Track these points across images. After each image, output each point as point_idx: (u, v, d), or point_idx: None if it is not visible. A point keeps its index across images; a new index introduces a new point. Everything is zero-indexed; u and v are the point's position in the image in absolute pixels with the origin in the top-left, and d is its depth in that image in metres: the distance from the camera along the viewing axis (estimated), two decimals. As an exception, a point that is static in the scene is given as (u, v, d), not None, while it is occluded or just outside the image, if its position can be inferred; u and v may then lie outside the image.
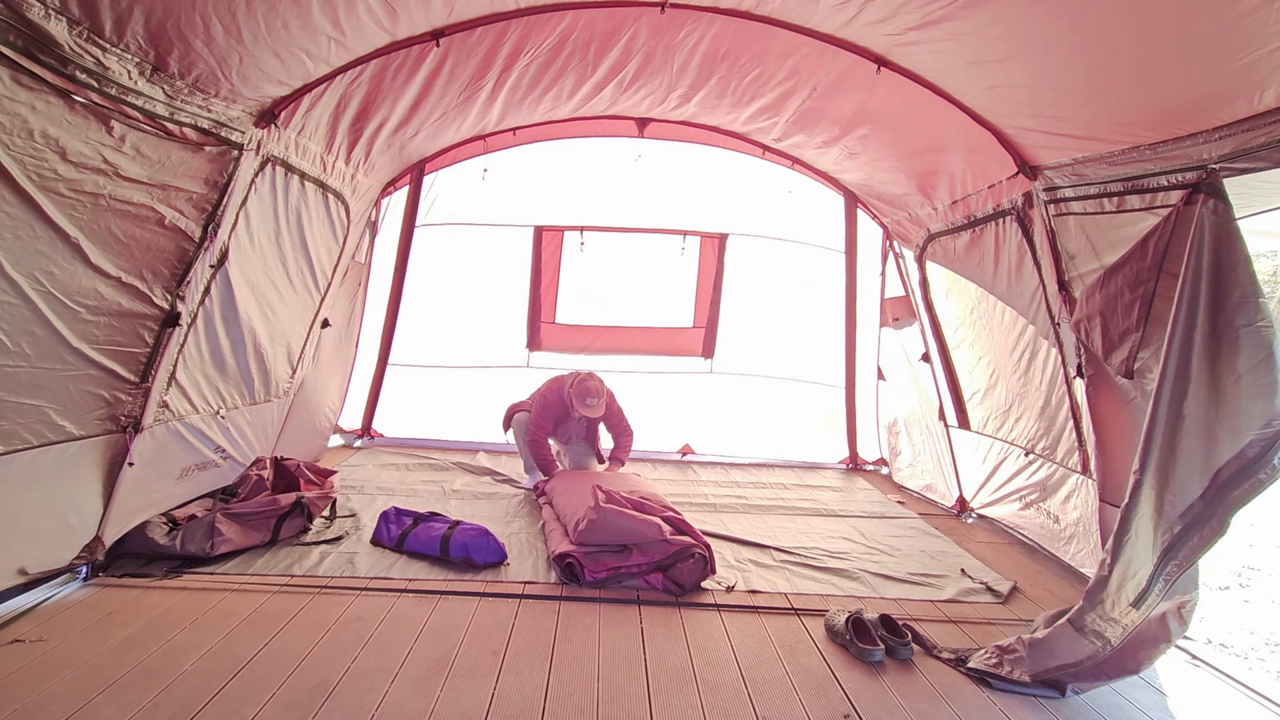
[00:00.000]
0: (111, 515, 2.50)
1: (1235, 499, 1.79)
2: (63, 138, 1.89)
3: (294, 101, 2.74)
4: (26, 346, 2.01)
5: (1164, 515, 1.90)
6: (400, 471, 4.22)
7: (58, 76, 1.81)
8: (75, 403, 2.25)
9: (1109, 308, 2.37)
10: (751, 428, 5.08)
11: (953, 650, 2.31)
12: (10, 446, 2.06)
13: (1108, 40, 2.02)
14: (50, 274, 2.01)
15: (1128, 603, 1.94)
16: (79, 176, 1.98)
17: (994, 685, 2.12)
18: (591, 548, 2.77)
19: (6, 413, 2.02)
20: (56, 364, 2.13)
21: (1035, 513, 3.34)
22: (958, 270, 3.85)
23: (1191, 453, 1.88)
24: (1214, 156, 2.03)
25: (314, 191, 3.34)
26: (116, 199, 2.14)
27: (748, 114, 3.83)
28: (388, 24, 2.57)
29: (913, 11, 2.36)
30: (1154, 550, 1.91)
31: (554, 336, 5.06)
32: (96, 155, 2.02)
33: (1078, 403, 2.90)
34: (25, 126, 1.79)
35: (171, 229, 2.41)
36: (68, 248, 2.03)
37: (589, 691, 2.01)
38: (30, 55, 1.73)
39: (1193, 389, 1.90)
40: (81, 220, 2.05)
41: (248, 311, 3.05)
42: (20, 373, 2.02)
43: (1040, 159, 2.86)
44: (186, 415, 2.86)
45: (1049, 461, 3.20)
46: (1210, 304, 1.90)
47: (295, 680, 1.98)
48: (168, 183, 2.31)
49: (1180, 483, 1.89)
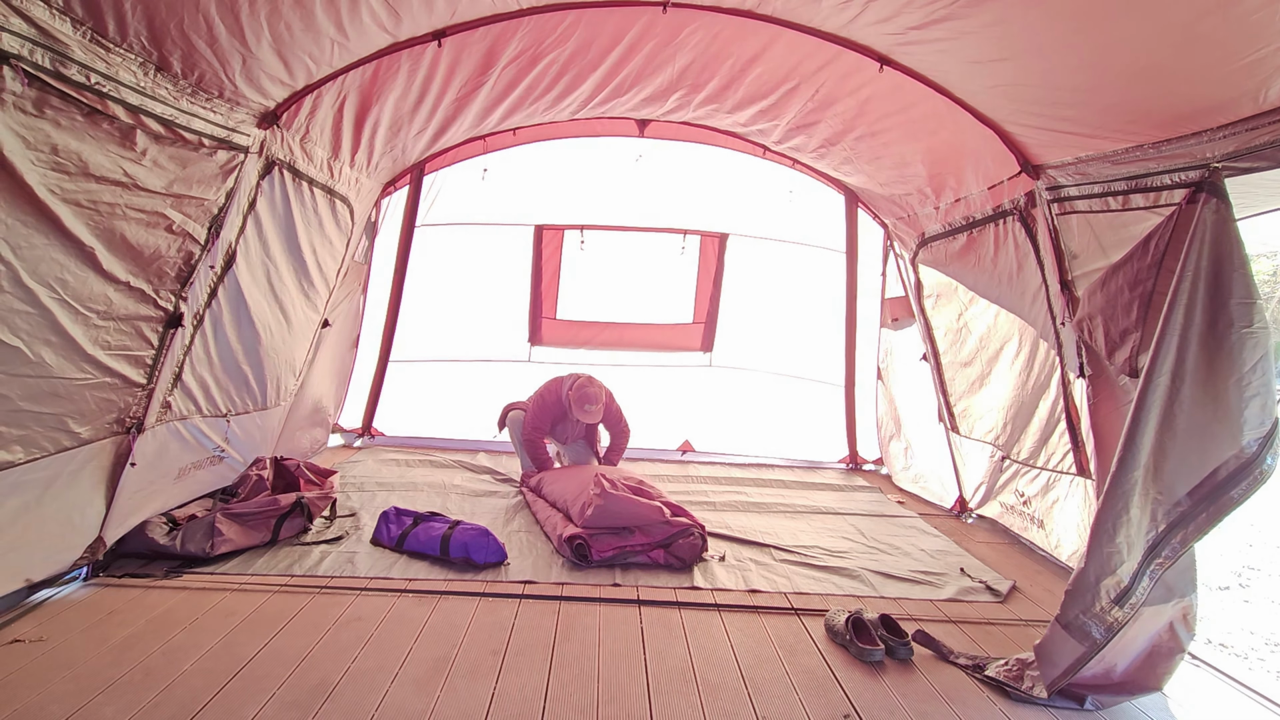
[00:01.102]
0: (113, 515, 2.50)
1: (1234, 497, 1.80)
2: (70, 143, 1.88)
3: (296, 103, 2.73)
4: (46, 356, 2.02)
5: (1149, 513, 1.90)
6: (400, 470, 4.21)
7: (63, 83, 1.80)
8: (91, 409, 2.27)
9: (1110, 306, 2.36)
10: (751, 424, 5.08)
11: (970, 657, 2.27)
12: (30, 455, 2.07)
13: (1111, 38, 2.01)
14: (64, 281, 2.01)
15: (1109, 599, 1.94)
16: (91, 185, 1.98)
17: (1011, 696, 2.07)
18: (596, 530, 2.95)
19: (27, 422, 2.03)
20: (75, 373, 2.15)
21: (1032, 514, 3.34)
22: (951, 273, 3.87)
23: (1186, 452, 1.87)
24: (1217, 155, 2.03)
25: (319, 195, 3.35)
26: (124, 204, 2.13)
27: (749, 114, 3.82)
28: (390, 26, 2.57)
29: (915, 11, 2.35)
30: (1140, 547, 1.90)
31: (555, 332, 5.07)
32: (104, 159, 2.01)
33: (1075, 404, 2.90)
34: (48, 140, 1.79)
35: (177, 232, 2.41)
36: (81, 255, 2.03)
37: (589, 691, 2.01)
38: (37, 61, 1.72)
39: (1187, 388, 1.89)
40: (94, 227, 2.05)
41: (258, 316, 3.07)
42: (41, 382, 2.03)
43: (1043, 158, 2.86)
44: (190, 416, 2.86)
45: (1043, 466, 3.21)
46: (1209, 304, 1.89)
47: (295, 680, 1.98)
48: (172, 185, 2.31)
49: (1169, 480, 1.89)
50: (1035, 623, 2.60)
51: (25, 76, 1.66)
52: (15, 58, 1.63)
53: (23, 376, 1.96)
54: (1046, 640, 2.11)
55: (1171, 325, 1.92)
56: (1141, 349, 2.19)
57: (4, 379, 1.92)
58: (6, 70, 1.63)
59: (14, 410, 1.97)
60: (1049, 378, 3.10)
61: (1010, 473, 3.45)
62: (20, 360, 1.94)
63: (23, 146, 1.73)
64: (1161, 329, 1.94)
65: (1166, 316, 1.93)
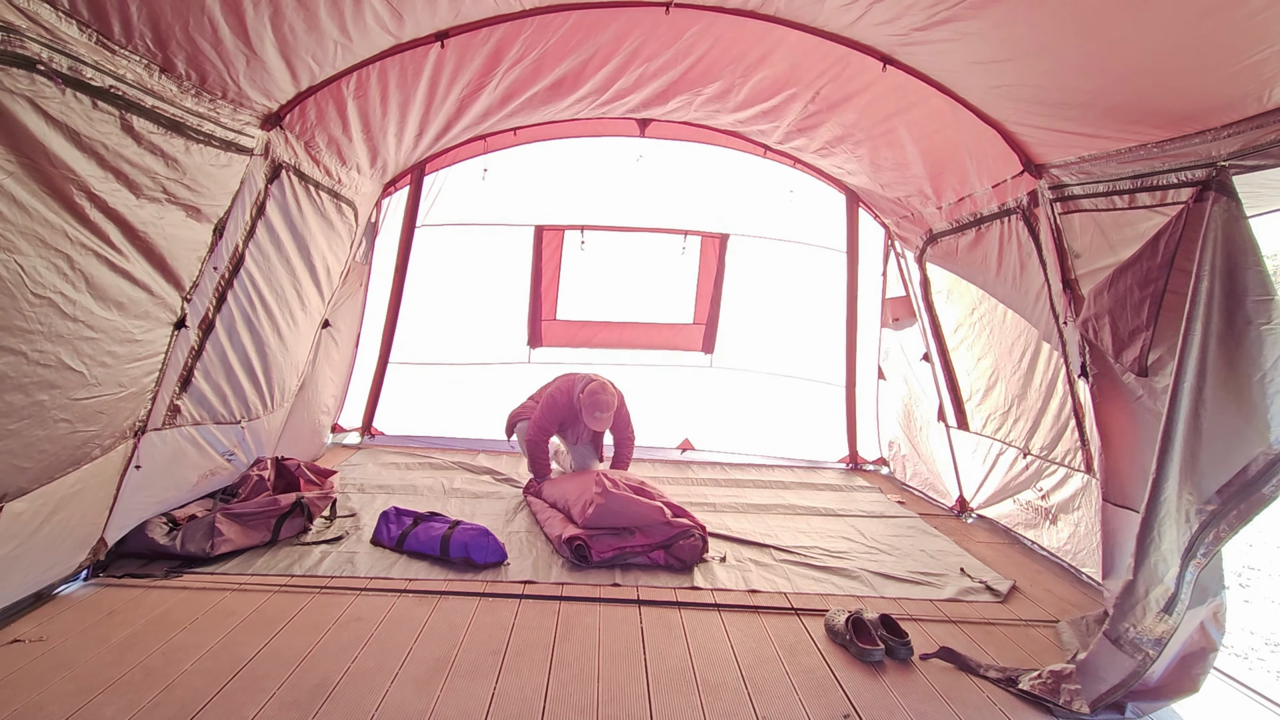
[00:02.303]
0: (114, 516, 2.50)
1: (1265, 494, 1.77)
2: (94, 148, 1.87)
3: (299, 104, 2.73)
4: (100, 375, 2.06)
5: (1184, 515, 1.88)
6: (400, 470, 4.21)
7: (77, 88, 1.79)
8: (121, 422, 2.29)
9: (1119, 306, 2.34)
10: (751, 424, 5.07)
11: (1000, 669, 2.21)
12: (62, 471, 2.08)
13: (1115, 37, 2.01)
14: (120, 304, 2.04)
15: (1158, 609, 1.91)
16: (113, 186, 1.98)
17: (1054, 713, 2.00)
18: (596, 530, 2.93)
19: (80, 443, 2.07)
20: (115, 388, 2.17)
21: (1035, 513, 3.34)
22: (958, 270, 3.84)
23: (1213, 451, 1.86)
24: (1223, 154, 2.02)
25: (325, 198, 3.35)
26: (130, 205, 2.12)
27: (752, 113, 3.81)
28: (393, 28, 2.56)
29: (919, 11, 2.35)
30: (1177, 551, 1.89)
31: (555, 333, 5.06)
32: (110, 159, 1.99)
33: (1080, 402, 2.89)
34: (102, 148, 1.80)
35: (183, 234, 2.40)
36: (111, 265, 2.03)
37: (589, 692, 2.01)
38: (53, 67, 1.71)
39: (1210, 388, 1.88)
40: (121, 232, 2.05)
41: (266, 320, 3.08)
42: (93, 402, 2.07)
43: (1046, 157, 2.85)
44: (195, 419, 2.86)
45: (1049, 461, 3.20)
46: (1225, 302, 1.87)
47: (295, 680, 1.97)
48: (176, 187, 2.30)
49: (1200, 481, 1.87)
50: (1035, 623, 2.61)
51: (60, 80, 1.64)
52: (41, 62, 1.61)
53: (82, 401, 2.00)
54: (1093, 656, 2.07)
55: (1193, 327, 1.91)
56: (1152, 347, 2.17)
57: (67, 404, 1.95)
58: (38, 76, 1.60)
59: (73, 433, 2.01)
60: (1059, 374, 3.08)
61: (1020, 467, 3.42)
62: (80, 384, 1.97)
63: (89, 162, 1.75)
64: (1184, 332, 1.92)
65: (1188, 319, 1.92)
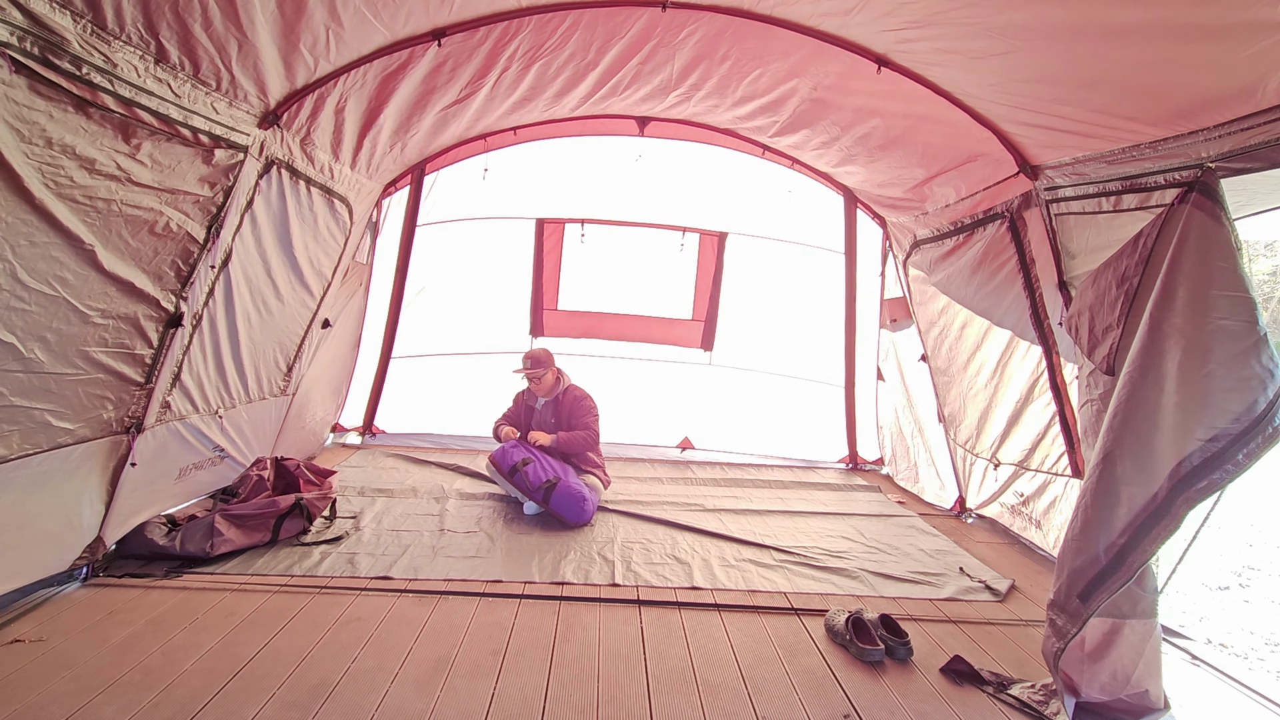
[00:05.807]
0: (113, 516, 2.51)
1: (1196, 493, 1.75)
2: (73, 141, 1.88)
3: (297, 103, 2.73)
4: (40, 352, 2.02)
5: (1122, 508, 1.87)
6: (401, 472, 4.21)
7: (68, 79, 1.80)
8: (84, 406, 2.27)
9: (1097, 304, 2.34)
10: (750, 423, 5.08)
11: (993, 674, 2.21)
12: (21, 451, 2.07)
13: (1109, 35, 2.01)
14: (64, 279, 2.01)
15: (1075, 595, 1.93)
16: (91, 182, 1.98)
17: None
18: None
19: (18, 418, 2.03)
20: (68, 369, 2.15)
21: (1029, 513, 3.35)
22: (935, 276, 3.88)
23: (1154, 446, 1.84)
24: (1211, 155, 2.03)
25: (317, 196, 3.34)
26: (126, 203, 2.13)
27: (746, 111, 3.82)
28: (386, 18, 2.55)
29: (914, 10, 2.36)
30: (1105, 541, 1.89)
31: (556, 323, 5.09)
32: (107, 159, 2.01)
33: (1071, 405, 2.90)
34: (42, 134, 1.78)
35: (178, 232, 2.41)
36: (81, 254, 2.03)
37: (589, 692, 2.01)
38: (45, 60, 1.71)
39: (1153, 383, 1.86)
40: (94, 225, 2.05)
41: (244, 310, 3.05)
42: (34, 378, 2.03)
43: (1041, 158, 2.86)
44: (188, 415, 2.86)
45: (1037, 469, 3.22)
46: (1187, 299, 1.86)
47: (295, 680, 1.98)
48: (174, 186, 2.31)
49: (1139, 476, 1.85)
50: (1035, 622, 2.61)
51: (12, 64, 1.63)
52: (4, 44, 1.60)
53: (14, 373, 1.97)
54: (1043, 647, 2.09)
55: (1148, 320, 1.90)
56: (1120, 348, 2.16)
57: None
58: None
59: (6, 406, 1.98)
60: (1040, 378, 3.10)
61: (1013, 470, 3.45)
62: (13, 356, 1.94)
63: (16, 140, 1.72)
64: (1144, 325, 1.92)
65: (1149, 310, 1.92)
